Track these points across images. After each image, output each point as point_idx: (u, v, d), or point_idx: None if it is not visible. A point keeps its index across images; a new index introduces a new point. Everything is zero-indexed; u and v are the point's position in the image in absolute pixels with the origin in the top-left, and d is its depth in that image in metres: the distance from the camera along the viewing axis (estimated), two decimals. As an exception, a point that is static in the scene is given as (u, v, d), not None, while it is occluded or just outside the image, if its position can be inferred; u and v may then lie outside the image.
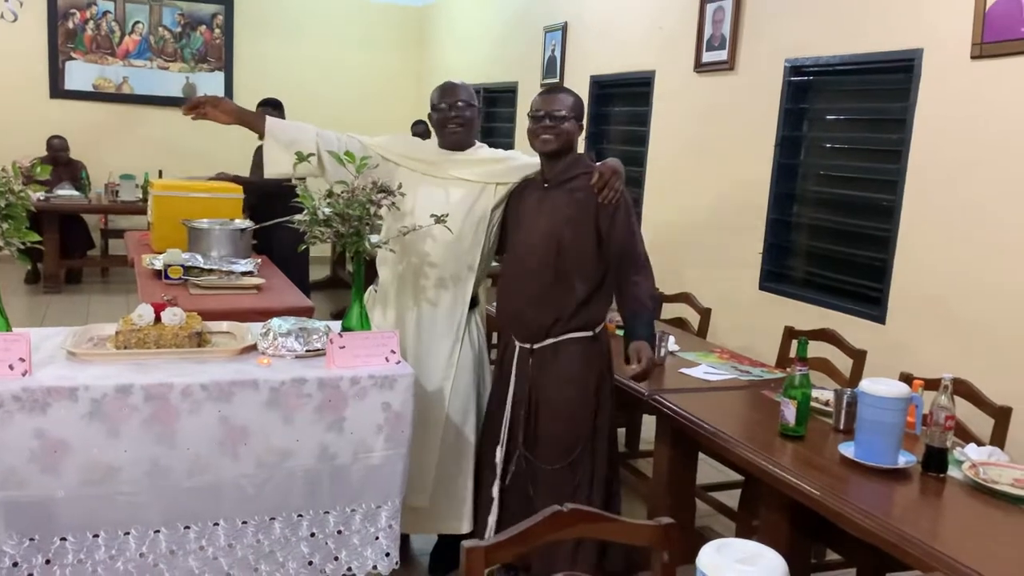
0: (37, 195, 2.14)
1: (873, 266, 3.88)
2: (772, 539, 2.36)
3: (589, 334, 2.59)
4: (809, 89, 4.33)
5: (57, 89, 8.20)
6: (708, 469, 3.28)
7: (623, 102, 6.00)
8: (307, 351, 2.32)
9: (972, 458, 2.20)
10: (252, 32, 8.77)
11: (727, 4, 4.70)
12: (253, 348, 2.34)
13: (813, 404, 2.51)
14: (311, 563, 2.25)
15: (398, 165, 2.72)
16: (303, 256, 3.45)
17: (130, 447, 2.03)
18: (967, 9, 3.33)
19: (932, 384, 2.41)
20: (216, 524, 2.14)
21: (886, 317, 3.74)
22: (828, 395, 2.62)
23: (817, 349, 3.06)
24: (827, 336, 3.32)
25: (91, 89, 8.32)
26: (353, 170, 2.38)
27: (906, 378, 2.62)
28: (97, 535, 2.04)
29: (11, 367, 2.00)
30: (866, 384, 2.20)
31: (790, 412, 2.37)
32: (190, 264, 3.72)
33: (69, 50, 8.22)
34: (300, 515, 2.22)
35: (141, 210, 6.75)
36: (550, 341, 2.58)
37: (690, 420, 2.58)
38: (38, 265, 7.15)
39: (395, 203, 2.42)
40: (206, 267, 3.73)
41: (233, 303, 3.40)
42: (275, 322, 2.39)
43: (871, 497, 2.04)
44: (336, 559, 2.27)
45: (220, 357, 2.28)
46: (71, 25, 8.19)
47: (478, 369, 2.82)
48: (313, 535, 2.24)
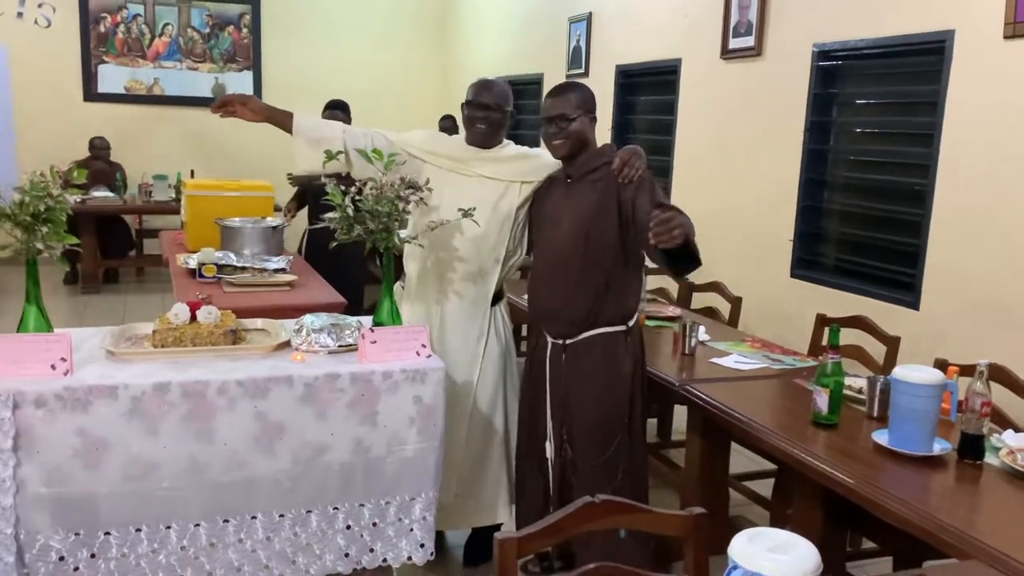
0: (74, 198, 2.18)
1: (906, 251, 3.83)
2: (806, 528, 2.35)
3: (622, 328, 2.59)
4: (838, 74, 4.28)
5: (91, 92, 8.33)
6: (740, 459, 3.27)
7: (649, 91, 5.97)
8: (340, 347, 2.35)
9: (1010, 444, 2.17)
10: (279, 31, 8.84)
11: (753, -10, 4.66)
12: (287, 345, 2.37)
13: (846, 392, 2.49)
14: (347, 555, 2.28)
15: (424, 162, 2.74)
16: (352, 254, 3.50)
17: (169, 444, 2.08)
18: (999, -12, 3.28)
19: (967, 370, 2.39)
20: (254, 517, 2.18)
21: (920, 303, 3.69)
22: (861, 383, 2.59)
23: (849, 336, 3.03)
24: (860, 323, 3.29)
25: (123, 91, 8.45)
26: (382, 167, 2.41)
27: (940, 364, 2.59)
28: (139, 529, 2.09)
29: (53, 367, 2.05)
30: (900, 371, 2.18)
31: (823, 400, 2.36)
32: (223, 262, 3.77)
33: (101, 53, 8.34)
34: (336, 508, 2.25)
35: (174, 210, 6.85)
36: (583, 336, 2.58)
37: (722, 410, 2.57)
38: (76, 266, 7.29)
39: (423, 199, 2.44)
40: (239, 265, 3.79)
41: (266, 300, 3.45)
42: (308, 318, 2.43)
43: (906, 485, 2.02)
44: (372, 551, 2.30)
45: (255, 354, 2.32)
46: (102, 29, 8.31)
47: (505, 362, 2.83)
48: (349, 527, 2.27)
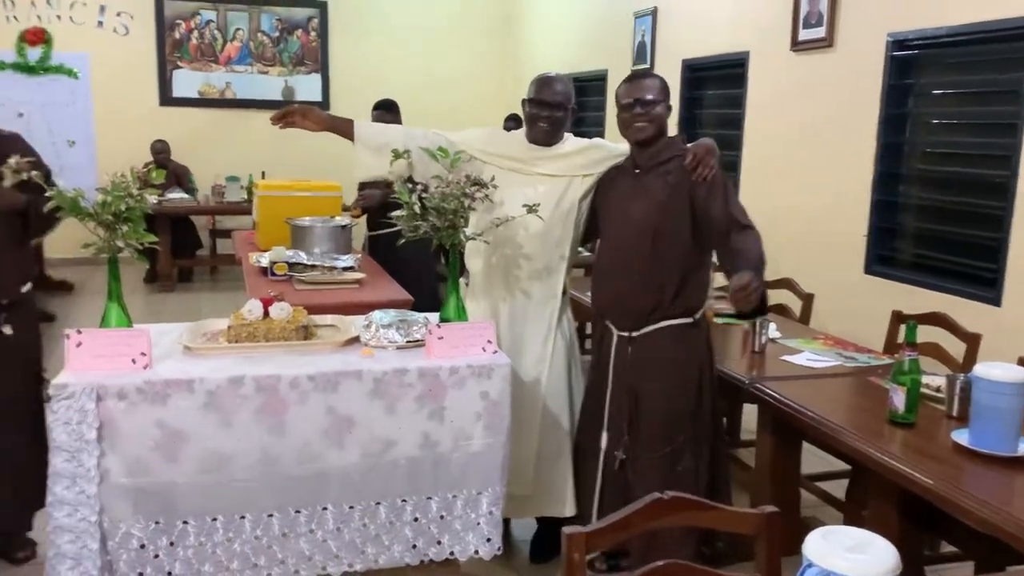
0: (152, 198, 2.26)
1: (987, 246, 3.69)
2: (882, 530, 2.27)
3: (688, 320, 2.56)
4: (914, 63, 4.14)
5: (166, 97, 8.61)
6: (812, 458, 3.19)
7: (716, 85, 5.88)
8: (407, 342, 2.38)
9: (1100, 446, 2.08)
10: (345, 33, 8.99)
11: (824, -21, 4.55)
12: (356, 340, 2.41)
13: (923, 390, 2.41)
14: (415, 546, 2.31)
15: (484, 163, 2.75)
16: (421, 253, 3.55)
17: (243, 436, 2.13)
18: (1088, -31, 3.13)
19: (1053, 369, 2.28)
20: (325, 509, 2.22)
21: (1002, 299, 3.55)
22: (939, 381, 2.51)
23: (927, 334, 2.93)
24: (938, 320, 3.18)
25: (197, 96, 8.70)
26: (447, 164, 2.43)
27: (1024, 362, 2.50)
28: (215, 519, 2.15)
29: (133, 361, 2.12)
30: (981, 369, 2.10)
31: (899, 398, 2.29)
32: (294, 261, 3.85)
33: (176, 59, 8.61)
34: (404, 500, 2.28)
35: (246, 210, 7.03)
36: (649, 328, 2.56)
37: (793, 408, 2.52)
38: (155, 265, 7.54)
39: (488, 196, 2.45)
40: (309, 263, 3.86)
41: (336, 297, 3.51)
42: (376, 315, 2.46)
43: (988, 486, 1.95)
44: (439, 543, 2.33)
45: (325, 349, 2.36)
46: (177, 35, 8.57)
47: (570, 357, 2.83)
48: (416, 520, 2.30)
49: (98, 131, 8.29)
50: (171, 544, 2.13)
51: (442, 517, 2.32)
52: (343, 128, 2.75)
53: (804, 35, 4.75)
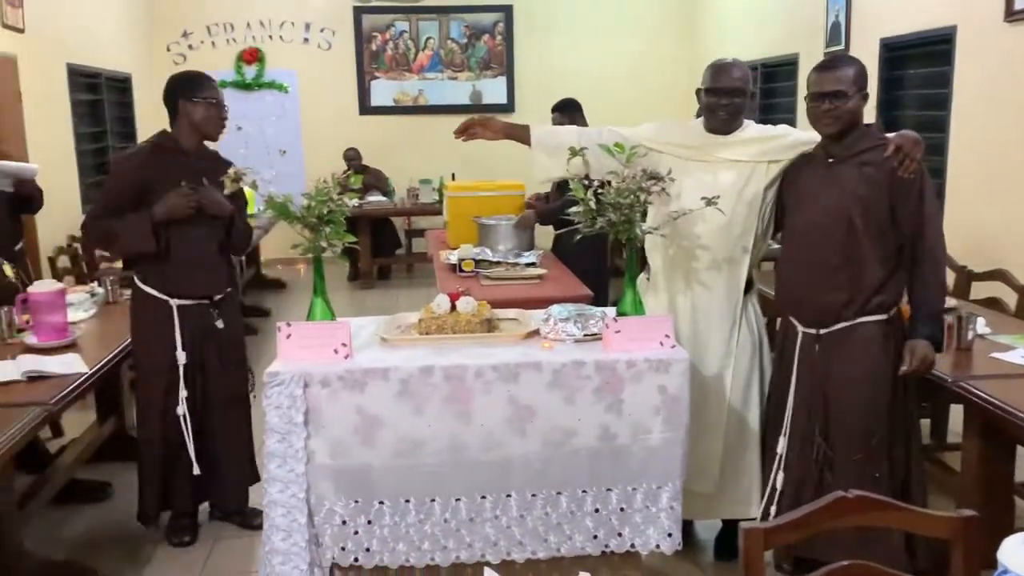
0: (352, 202, 2.44)
1: None
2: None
3: (883, 317, 2.44)
4: None
5: (365, 106, 9.18)
6: (1030, 465, 2.93)
7: (919, 64, 5.48)
8: (585, 335, 2.42)
9: None
10: (529, 35, 9.17)
11: (1045, -61, 4.13)
12: (536, 333, 2.49)
13: None
14: (596, 537, 2.35)
15: (662, 153, 2.73)
16: (592, 249, 3.59)
17: (433, 423, 2.26)
18: None
19: None
20: (509, 496, 2.31)
21: None
22: None
23: None
24: None
25: (392, 104, 9.21)
26: (623, 159, 2.45)
27: None
28: (408, 500, 2.30)
29: (336, 351, 2.31)
30: None
31: None
32: (480, 258, 4.02)
33: (373, 70, 9.15)
34: (584, 491, 2.33)
35: (438, 211, 7.36)
36: (840, 326, 2.46)
37: (1005, 409, 2.33)
38: (356, 264, 8.08)
39: (664, 188, 2.45)
40: (494, 260, 4.01)
41: (518, 292, 3.63)
42: (555, 309, 2.53)
43: None
44: (619, 535, 2.35)
45: (507, 341, 2.45)
46: (374, 47, 9.11)
47: (757, 353, 2.76)
48: (597, 511, 2.34)
49: (305, 141, 8.98)
50: (368, 522, 2.30)
51: (622, 509, 2.34)
52: (520, 134, 2.85)
53: (1021, 3, 4.32)
